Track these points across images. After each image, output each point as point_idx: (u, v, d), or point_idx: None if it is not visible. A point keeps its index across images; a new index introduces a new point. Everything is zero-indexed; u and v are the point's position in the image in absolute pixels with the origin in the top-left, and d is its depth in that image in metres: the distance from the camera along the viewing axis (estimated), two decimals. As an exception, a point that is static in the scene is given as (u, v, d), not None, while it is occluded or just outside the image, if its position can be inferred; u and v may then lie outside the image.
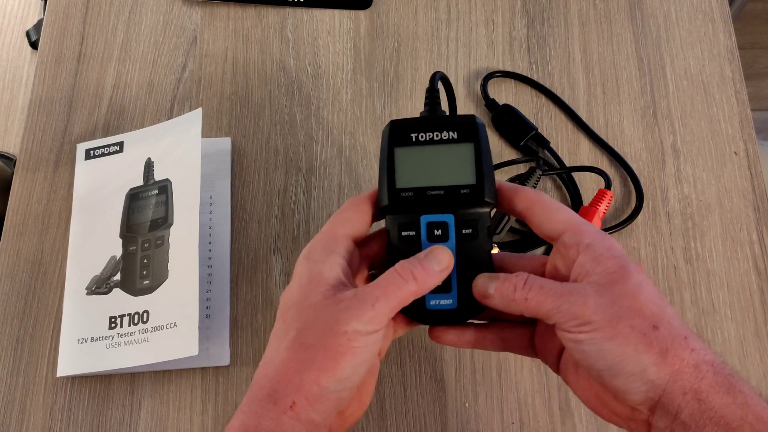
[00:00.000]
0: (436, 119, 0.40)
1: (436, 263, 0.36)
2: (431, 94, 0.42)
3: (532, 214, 0.38)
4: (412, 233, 0.38)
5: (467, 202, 0.38)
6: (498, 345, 0.40)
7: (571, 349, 0.34)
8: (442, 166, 0.38)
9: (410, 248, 0.38)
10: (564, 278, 0.37)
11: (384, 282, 0.35)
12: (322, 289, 0.35)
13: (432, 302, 0.38)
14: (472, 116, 0.39)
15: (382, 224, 0.40)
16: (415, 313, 0.38)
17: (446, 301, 0.38)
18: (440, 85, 0.43)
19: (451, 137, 0.38)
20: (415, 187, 0.38)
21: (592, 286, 0.34)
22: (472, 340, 0.40)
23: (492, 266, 0.38)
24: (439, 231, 0.38)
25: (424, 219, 0.38)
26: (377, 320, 0.34)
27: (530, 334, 0.40)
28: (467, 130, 0.39)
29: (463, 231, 0.38)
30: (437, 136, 0.39)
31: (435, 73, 0.42)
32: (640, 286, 0.34)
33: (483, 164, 0.38)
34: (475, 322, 0.40)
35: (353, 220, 0.38)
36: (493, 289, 0.36)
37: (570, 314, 0.33)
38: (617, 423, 0.36)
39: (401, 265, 0.36)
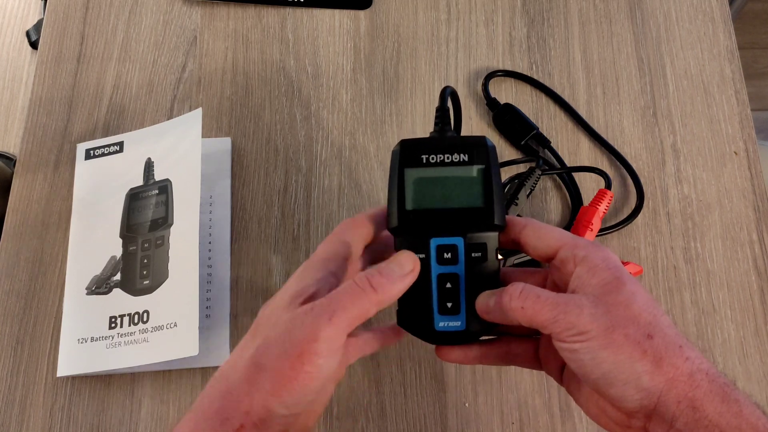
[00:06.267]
0: (447, 140, 0.40)
1: (398, 267, 0.36)
2: (442, 113, 0.41)
3: (525, 238, 0.38)
4: (422, 256, 0.38)
5: (477, 225, 0.38)
6: (503, 359, 0.41)
7: (567, 359, 0.34)
8: (453, 188, 0.38)
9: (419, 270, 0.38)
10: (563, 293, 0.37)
11: (341, 293, 0.34)
12: (288, 299, 0.35)
13: (441, 324, 0.38)
14: (483, 138, 0.39)
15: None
16: (423, 333, 0.39)
17: (455, 323, 0.38)
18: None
19: (461, 159, 0.38)
20: (426, 208, 0.38)
21: (587, 296, 0.34)
22: (478, 355, 0.40)
23: None
24: (449, 254, 0.38)
25: (434, 242, 0.38)
26: (335, 336, 0.33)
27: (535, 348, 0.40)
28: (478, 152, 0.39)
29: (473, 254, 0.38)
30: (448, 158, 0.38)
31: (444, 89, 0.41)
32: (634, 296, 0.34)
33: (493, 187, 0.38)
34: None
35: (350, 240, 0.38)
36: (492, 302, 0.36)
37: (566, 324, 0.33)
38: (616, 431, 0.36)
39: (359, 276, 0.35)
